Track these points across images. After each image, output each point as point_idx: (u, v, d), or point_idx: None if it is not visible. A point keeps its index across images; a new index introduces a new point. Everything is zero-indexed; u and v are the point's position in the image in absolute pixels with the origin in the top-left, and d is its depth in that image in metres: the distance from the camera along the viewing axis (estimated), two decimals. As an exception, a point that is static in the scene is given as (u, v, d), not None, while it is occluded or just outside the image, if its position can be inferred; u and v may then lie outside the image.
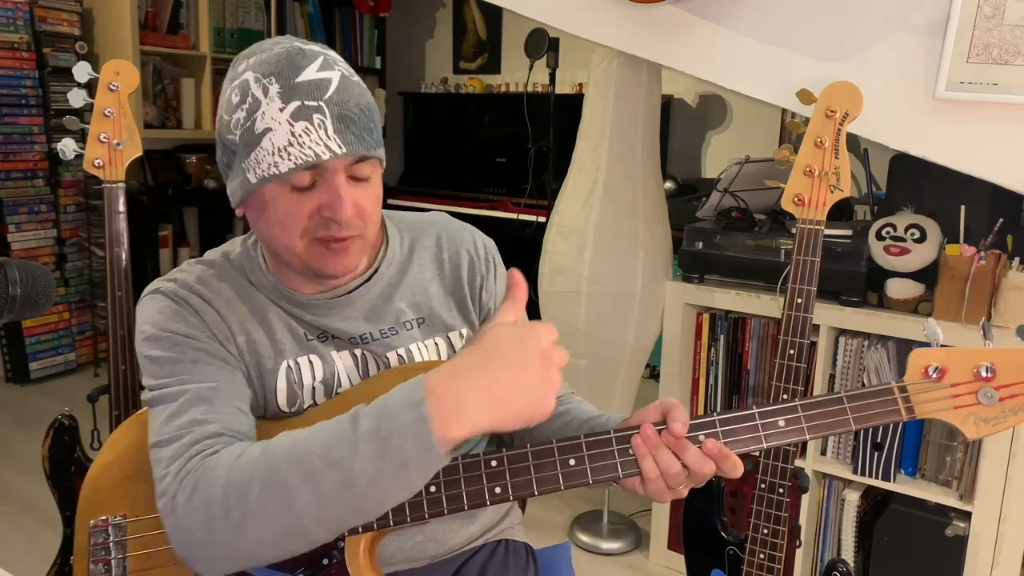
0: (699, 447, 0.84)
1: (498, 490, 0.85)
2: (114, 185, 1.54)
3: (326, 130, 0.84)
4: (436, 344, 1.03)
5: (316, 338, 0.98)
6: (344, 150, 0.85)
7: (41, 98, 3.45)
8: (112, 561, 0.97)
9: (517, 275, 0.82)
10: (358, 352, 0.99)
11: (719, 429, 0.85)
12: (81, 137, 1.56)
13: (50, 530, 2.00)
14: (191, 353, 0.91)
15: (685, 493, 0.86)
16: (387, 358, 0.99)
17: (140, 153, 1.56)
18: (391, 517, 0.87)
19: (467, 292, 1.06)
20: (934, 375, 0.85)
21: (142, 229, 3.61)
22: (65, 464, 1.58)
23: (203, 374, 0.90)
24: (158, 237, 3.79)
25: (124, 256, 1.56)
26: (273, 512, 0.76)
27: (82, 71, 1.55)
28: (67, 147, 1.55)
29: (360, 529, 0.87)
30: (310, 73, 0.85)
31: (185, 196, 3.95)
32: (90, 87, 1.55)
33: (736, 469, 0.84)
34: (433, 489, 0.87)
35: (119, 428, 1.03)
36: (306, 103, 0.84)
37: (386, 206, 1.01)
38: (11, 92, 3.34)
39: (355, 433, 0.75)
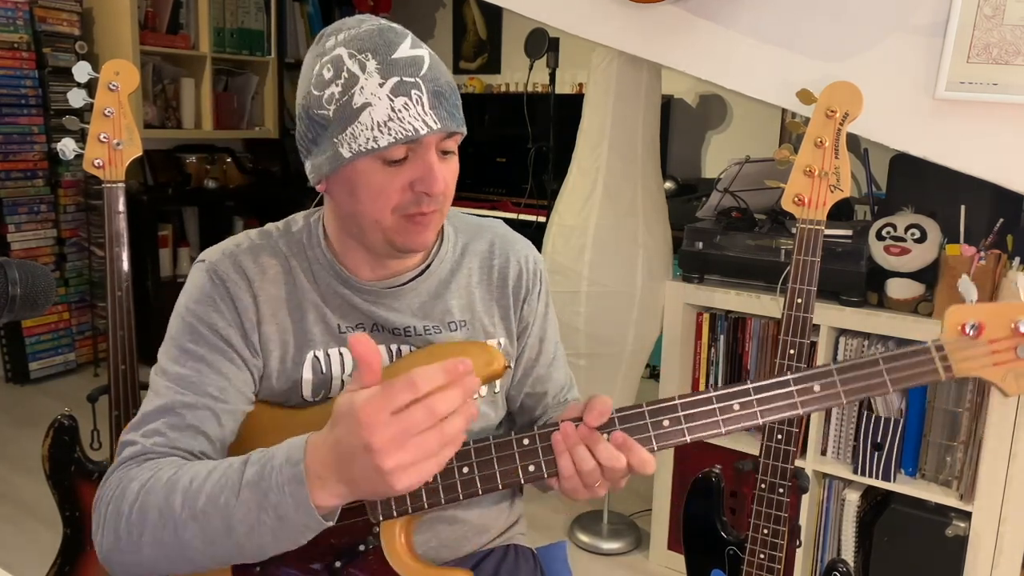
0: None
1: (532, 468, 0.87)
2: (114, 185, 1.53)
3: (423, 105, 0.86)
4: None
5: (351, 329, 0.98)
6: (439, 125, 0.87)
7: (41, 98, 3.45)
8: None
9: (359, 342, 0.71)
10: (394, 346, 1.00)
11: (753, 397, 0.86)
12: (81, 137, 1.55)
13: (50, 530, 1.99)
14: (202, 348, 0.93)
15: (602, 493, 0.87)
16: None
17: (140, 153, 1.55)
18: (425, 499, 0.88)
19: (511, 302, 1.06)
20: (971, 332, 0.83)
21: (142, 229, 3.61)
22: (65, 464, 1.58)
23: (197, 376, 0.92)
24: (158, 237, 3.79)
25: (124, 256, 1.56)
26: (166, 541, 0.80)
27: (82, 71, 1.55)
28: (67, 147, 1.55)
29: (395, 513, 0.88)
30: (404, 50, 0.87)
31: (185, 196, 3.95)
32: (90, 87, 1.55)
33: (645, 466, 0.84)
34: (466, 470, 0.88)
35: None
36: (404, 79, 0.85)
37: None
38: (11, 92, 3.34)
39: (240, 480, 0.77)
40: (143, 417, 0.91)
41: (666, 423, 0.86)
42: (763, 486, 1.39)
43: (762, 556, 1.40)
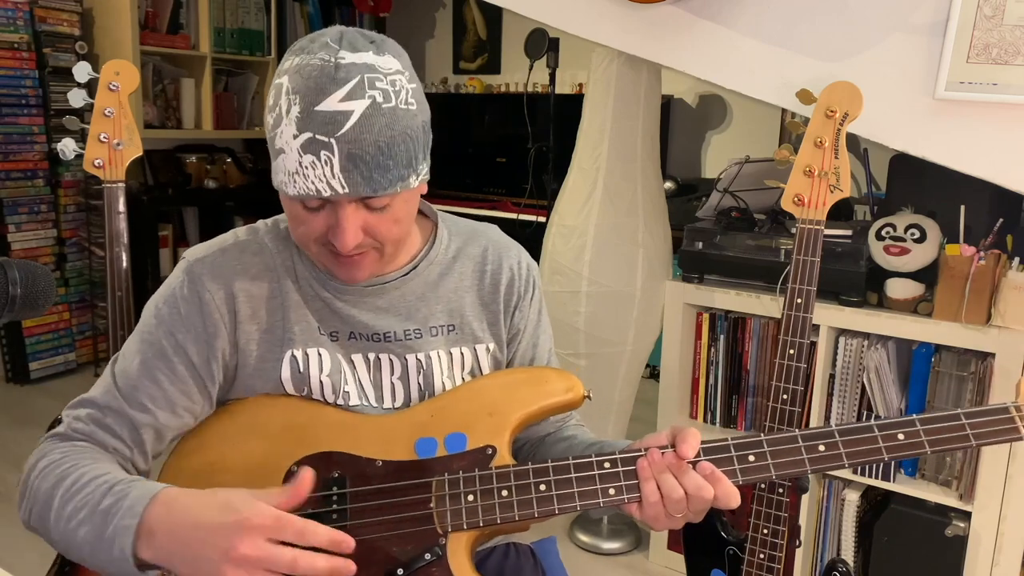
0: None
1: (612, 491, 0.87)
2: (114, 185, 1.53)
3: (332, 167, 0.83)
4: (462, 354, 1.03)
5: (329, 335, 0.99)
6: (347, 190, 0.84)
7: (41, 98, 3.45)
8: None
9: (305, 477, 0.80)
10: (372, 355, 1.00)
11: (839, 439, 0.86)
12: (81, 137, 1.55)
13: (50, 530, 2.00)
14: (151, 351, 0.94)
15: (681, 525, 0.87)
16: (405, 359, 1.00)
17: (140, 153, 1.55)
18: (498, 513, 0.87)
19: (501, 308, 1.05)
20: None
21: (142, 229, 3.61)
22: (65, 464, 1.57)
23: (137, 380, 0.94)
24: (158, 237, 3.79)
25: (124, 256, 1.56)
26: (49, 526, 0.85)
27: (82, 71, 1.55)
28: (67, 147, 1.55)
29: (465, 525, 0.88)
30: (332, 103, 0.82)
31: (185, 196, 3.95)
32: (90, 87, 1.55)
33: (730, 498, 0.84)
34: (543, 488, 0.87)
35: (206, 419, 1.02)
36: (317, 136, 0.82)
37: None
38: (11, 92, 3.34)
39: (97, 504, 0.81)
40: (81, 401, 0.96)
41: (752, 458, 0.86)
42: (763, 486, 1.39)
43: (762, 556, 1.40)
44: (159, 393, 0.93)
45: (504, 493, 0.88)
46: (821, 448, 0.86)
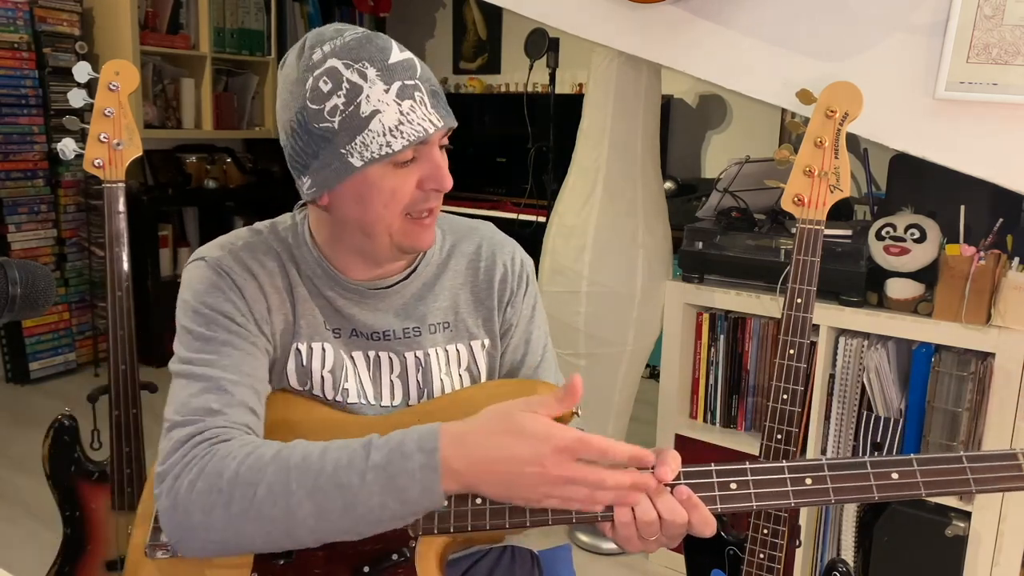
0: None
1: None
2: (114, 185, 1.53)
3: (425, 105, 0.89)
4: (458, 350, 1.04)
5: (332, 331, 1.00)
6: (442, 123, 0.90)
7: (41, 98, 3.45)
8: None
9: (575, 383, 0.79)
10: (372, 353, 1.01)
11: (827, 473, 0.84)
12: (81, 137, 1.55)
13: (50, 530, 1.99)
14: (223, 334, 0.92)
15: (655, 548, 0.85)
16: (404, 357, 1.01)
17: (140, 153, 1.55)
18: (469, 521, 0.86)
19: (495, 303, 1.06)
20: None
21: (142, 229, 3.61)
22: (65, 464, 1.58)
23: (229, 359, 0.91)
24: (158, 237, 3.79)
25: (124, 256, 1.56)
26: (273, 515, 0.80)
27: (82, 71, 1.55)
28: (67, 147, 1.55)
29: (436, 530, 0.87)
30: (396, 54, 0.89)
31: (185, 196, 3.95)
32: (90, 87, 1.55)
33: (706, 526, 0.82)
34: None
35: None
36: (406, 82, 0.88)
37: None
38: (11, 92, 3.34)
39: (365, 461, 0.79)
40: (187, 401, 0.88)
41: (733, 486, 0.83)
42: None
43: (762, 556, 1.40)
44: (256, 363, 0.93)
45: (478, 501, 0.86)
46: (808, 482, 0.83)
